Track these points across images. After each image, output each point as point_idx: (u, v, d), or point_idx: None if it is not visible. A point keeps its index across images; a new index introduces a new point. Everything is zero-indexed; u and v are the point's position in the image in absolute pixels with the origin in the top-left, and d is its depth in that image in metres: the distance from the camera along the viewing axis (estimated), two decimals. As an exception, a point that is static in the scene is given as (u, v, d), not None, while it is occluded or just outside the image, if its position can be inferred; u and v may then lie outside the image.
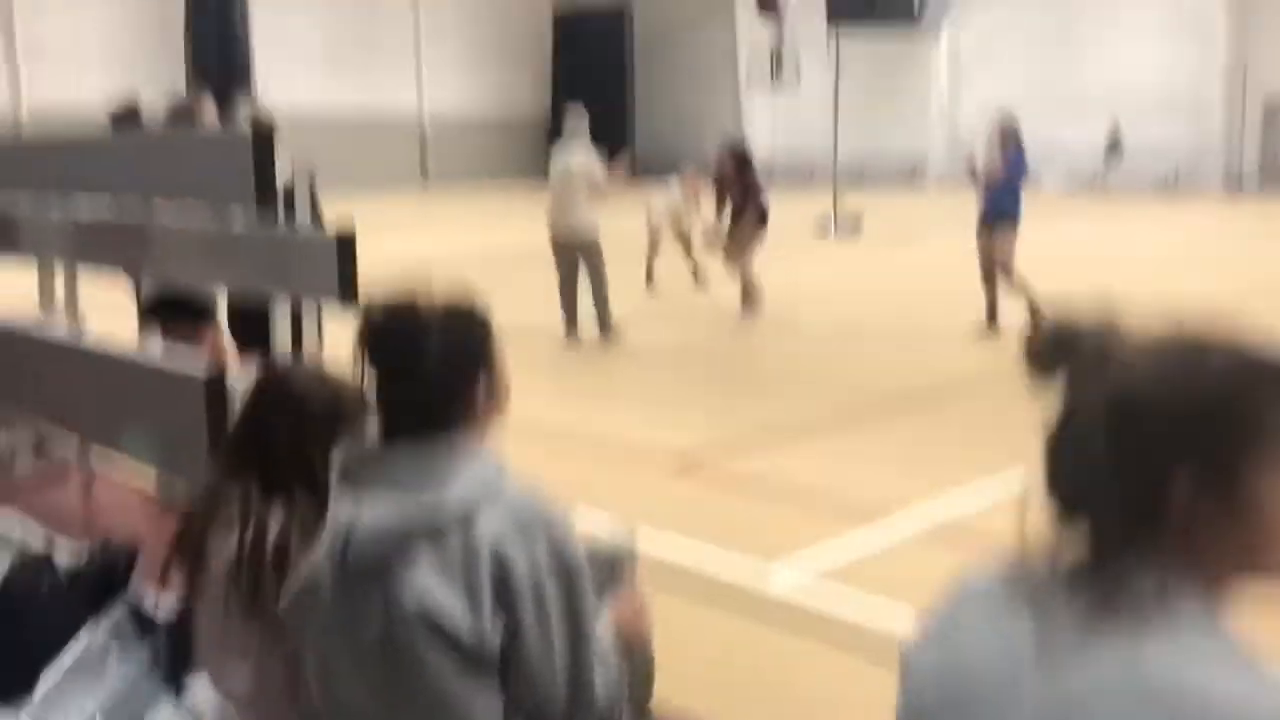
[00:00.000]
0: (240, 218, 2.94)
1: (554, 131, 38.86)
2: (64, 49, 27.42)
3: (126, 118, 5.36)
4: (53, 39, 27.15)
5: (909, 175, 33.59)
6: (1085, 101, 29.82)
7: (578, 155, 9.07)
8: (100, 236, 3.45)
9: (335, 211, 4.64)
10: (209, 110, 5.18)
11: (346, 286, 2.94)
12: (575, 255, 9.01)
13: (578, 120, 9.23)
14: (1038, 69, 30.65)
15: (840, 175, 21.67)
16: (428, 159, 35.88)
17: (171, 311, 4.28)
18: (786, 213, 21.99)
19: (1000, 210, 9.10)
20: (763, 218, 10.56)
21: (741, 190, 10.52)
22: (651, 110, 37.90)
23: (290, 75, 31.38)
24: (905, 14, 17.42)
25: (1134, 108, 28.93)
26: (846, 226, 18.97)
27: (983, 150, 9.26)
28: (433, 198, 31.21)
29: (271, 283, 3.07)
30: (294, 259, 2.99)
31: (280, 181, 3.02)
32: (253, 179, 2.84)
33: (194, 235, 3.17)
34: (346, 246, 2.97)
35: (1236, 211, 23.41)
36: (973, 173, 9.34)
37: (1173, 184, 28.55)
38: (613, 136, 35.79)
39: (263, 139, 2.79)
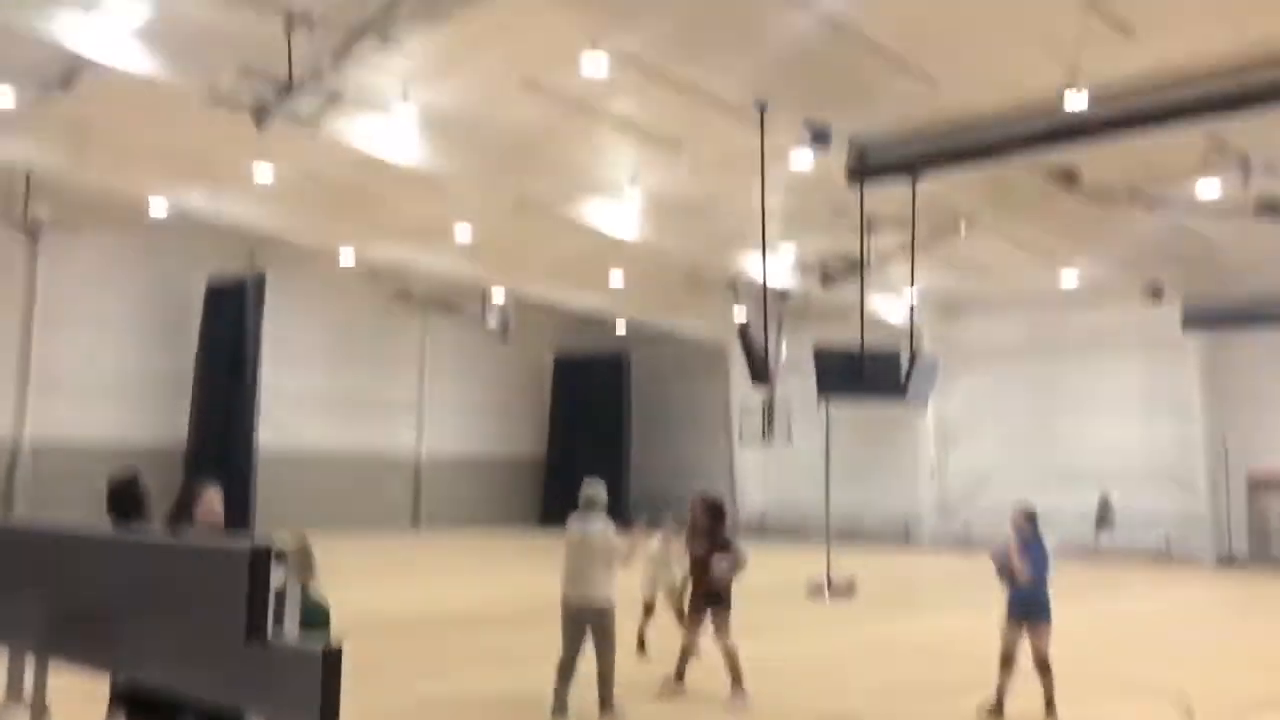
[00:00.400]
0: (227, 631, 2.85)
1: (550, 473, 39.31)
2: (75, 383, 28.19)
3: (126, 487, 5.42)
4: (66, 372, 27.96)
5: (900, 534, 33.68)
6: (1072, 471, 30.42)
7: (596, 524, 8.96)
8: (79, 631, 3.35)
9: (321, 556, 4.63)
10: (214, 499, 5.19)
11: (329, 708, 2.81)
12: (585, 626, 8.70)
13: (595, 490, 9.15)
14: (1022, 439, 31.50)
15: (832, 530, 21.72)
16: (421, 500, 36.02)
17: (143, 710, 4.11)
18: (779, 571, 22.02)
19: (1031, 605, 9.15)
20: (723, 577, 9.79)
21: (710, 544, 9.83)
22: (646, 457, 38.54)
23: (294, 417, 32.15)
24: (892, 389, 18.16)
25: (1120, 479, 29.45)
26: (840, 589, 18.75)
27: (1013, 542, 9.25)
28: (423, 541, 31.00)
29: (250, 698, 2.94)
30: (276, 677, 2.87)
31: (273, 593, 2.95)
32: (245, 594, 2.78)
33: (176, 642, 3.07)
34: (332, 665, 2.86)
35: (1228, 584, 23.27)
36: (1001, 571, 9.36)
37: (1164, 554, 28.60)
38: (608, 481, 36.33)
39: (260, 558, 2.76)
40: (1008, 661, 9.12)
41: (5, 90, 18.05)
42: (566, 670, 8.72)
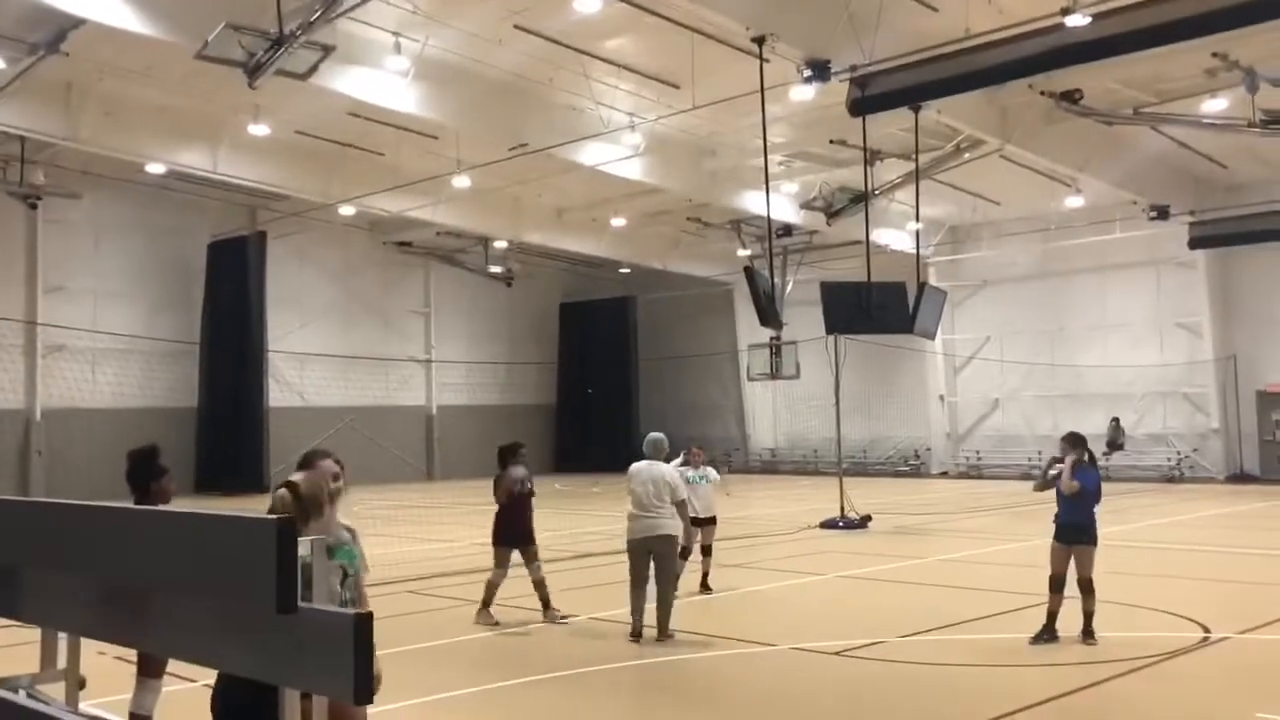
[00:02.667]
0: (257, 603, 2.86)
1: (561, 418, 39.41)
2: (82, 347, 28.22)
3: (145, 460, 5.45)
4: (72, 337, 27.97)
5: (912, 464, 33.83)
6: (1082, 395, 30.44)
7: (661, 466, 9.98)
8: (111, 607, 3.36)
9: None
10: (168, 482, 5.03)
11: (362, 679, 2.82)
12: (649, 554, 9.63)
13: (657, 448, 10.09)
14: (1033, 365, 31.48)
15: (844, 463, 21.82)
16: (433, 450, 36.15)
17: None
18: (792, 505, 22.19)
19: (1078, 529, 9.31)
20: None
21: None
22: (655, 398, 38.64)
23: (302, 372, 32.20)
24: (900, 323, 18.08)
25: (1130, 400, 29.49)
26: (855, 522, 18.86)
27: (1067, 461, 9.38)
28: (439, 491, 31.18)
29: (284, 670, 2.95)
30: (309, 647, 2.88)
31: (299, 561, 2.95)
32: (274, 566, 2.77)
33: (207, 617, 3.08)
34: (363, 632, 2.86)
35: (1240, 501, 23.38)
36: (1046, 481, 9.49)
37: (1176, 474, 28.70)
38: (618, 425, 36.55)
39: (287, 530, 2.75)
40: (1057, 584, 9.26)
41: (-6, 57, 17.89)
42: (636, 593, 9.66)
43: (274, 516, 2.82)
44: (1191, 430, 29.17)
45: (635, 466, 9.95)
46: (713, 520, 12.39)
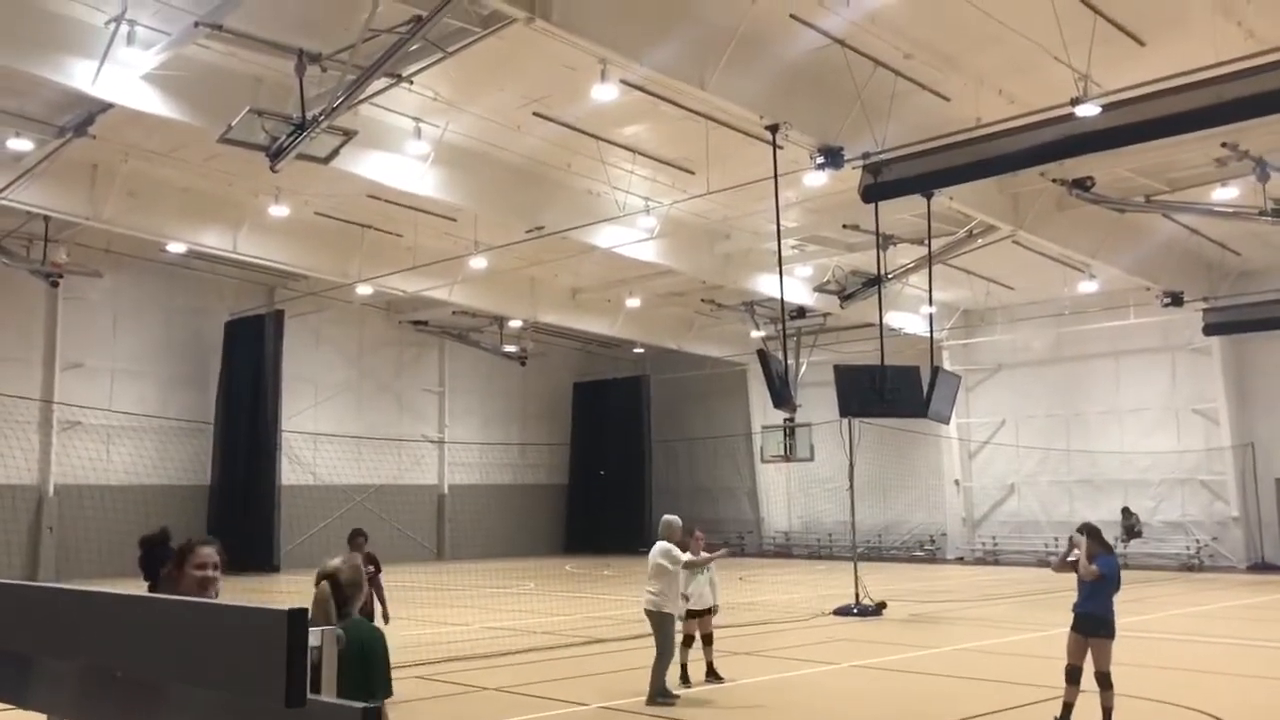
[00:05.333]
0: (266, 696, 2.82)
1: (573, 499, 39.21)
2: (97, 424, 28.33)
3: (157, 546, 5.44)
4: (88, 414, 28.10)
5: (926, 550, 33.47)
6: (1098, 481, 30.20)
7: (660, 545, 11.13)
8: (116, 696, 3.32)
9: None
10: (209, 555, 4.87)
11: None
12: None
13: (668, 528, 11.34)
14: (1048, 450, 31.29)
15: (857, 548, 21.60)
16: (444, 531, 35.97)
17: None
18: (806, 591, 21.91)
19: (1095, 620, 9.19)
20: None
21: None
22: (669, 479, 38.49)
23: (315, 451, 32.21)
24: (914, 408, 18.04)
25: (1147, 487, 29.23)
26: (869, 609, 18.61)
27: (1082, 549, 9.32)
28: (449, 571, 30.94)
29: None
30: (316, 741, 2.83)
31: (310, 654, 2.92)
32: (283, 658, 2.74)
33: (211, 707, 3.04)
34: (372, 725, 2.82)
35: (1262, 591, 23.00)
36: (1065, 563, 9.43)
37: (1195, 563, 28.32)
38: (631, 506, 36.35)
39: (297, 621, 2.73)
40: (1073, 676, 9.12)
41: (23, 141, 18.27)
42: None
43: (290, 608, 2.80)
44: (1210, 518, 28.83)
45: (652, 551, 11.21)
46: (709, 611, 12.16)
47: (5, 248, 24.41)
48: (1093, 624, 9.17)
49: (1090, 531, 9.45)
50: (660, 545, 11.12)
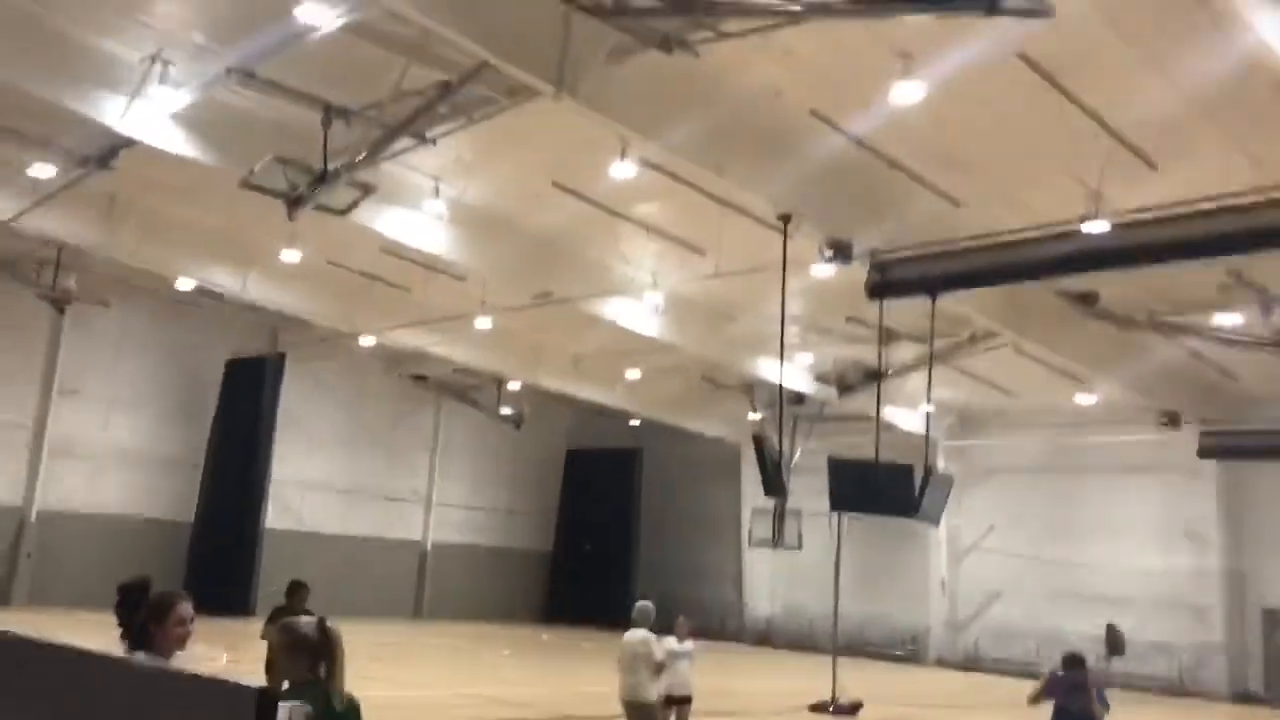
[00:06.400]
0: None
1: (556, 568, 38.82)
2: (87, 453, 28.29)
3: (136, 594, 5.37)
4: (79, 441, 28.06)
5: (908, 648, 33.13)
6: (1084, 594, 29.97)
7: (640, 633, 11.04)
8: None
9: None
10: (186, 611, 4.82)
11: None
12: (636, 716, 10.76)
13: (645, 616, 11.17)
14: (1035, 558, 31.10)
15: (839, 641, 21.39)
16: (424, 588, 35.67)
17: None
18: (785, 683, 21.64)
19: None
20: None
21: None
22: (654, 555, 38.19)
23: (302, 497, 32.09)
24: (904, 507, 17.99)
25: (1133, 605, 28.99)
26: (845, 708, 18.40)
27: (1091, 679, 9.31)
28: (425, 629, 30.63)
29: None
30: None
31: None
32: (250, 730, 2.75)
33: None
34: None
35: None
36: (1039, 692, 9.48)
37: (1178, 686, 27.99)
38: (615, 580, 36.03)
39: (267, 702, 2.74)
40: None
41: (46, 167, 18.48)
42: None
43: (254, 685, 2.79)
44: (1195, 643, 28.54)
45: (628, 634, 11.03)
46: (688, 700, 12.12)
47: (16, 271, 24.57)
48: None
49: (1071, 662, 9.37)
50: (641, 633, 11.02)
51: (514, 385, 33.64)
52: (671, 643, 12.07)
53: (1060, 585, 30.59)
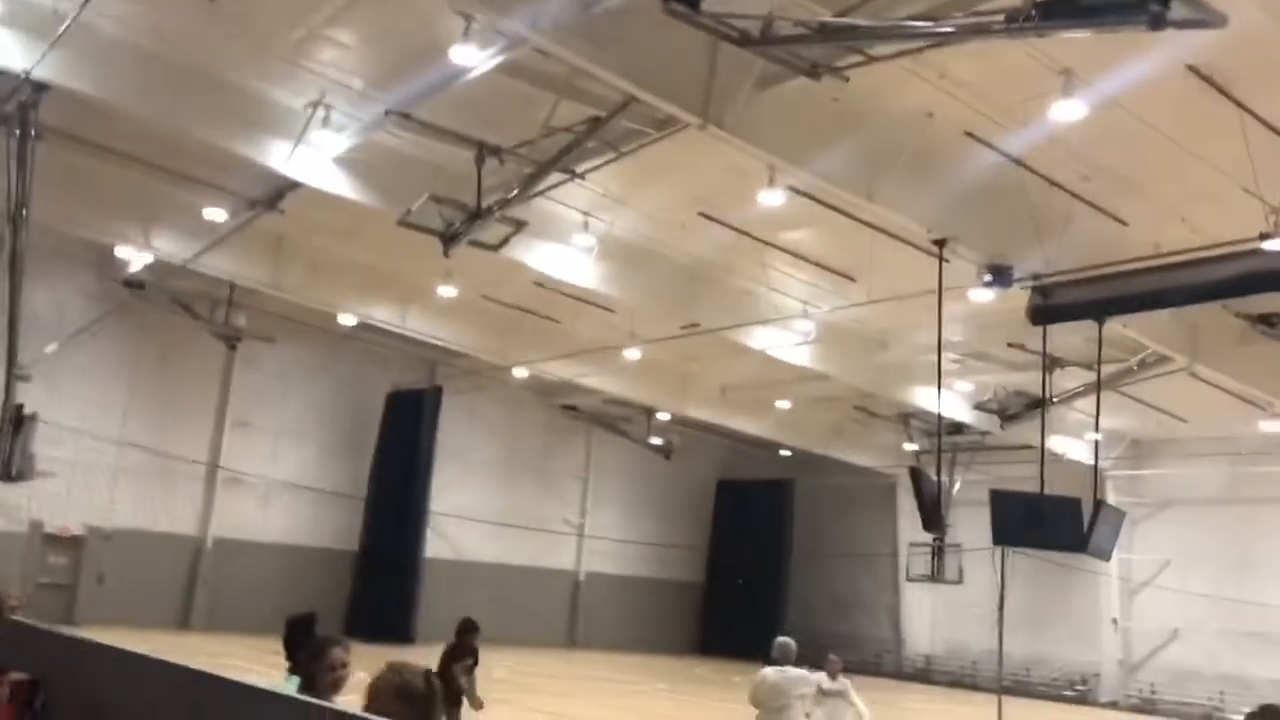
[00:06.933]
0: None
1: (709, 599, 38.65)
2: (258, 483, 29.50)
3: (302, 629, 5.49)
4: (251, 472, 29.31)
5: (1077, 690, 31.62)
6: (1271, 637, 28.09)
7: (795, 671, 10.15)
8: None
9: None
10: (341, 657, 4.88)
11: None
12: None
13: (786, 651, 10.15)
14: (1215, 596, 29.32)
15: (1004, 679, 20.52)
16: (578, 617, 35.90)
17: None
18: (948, 718, 20.88)
19: None
20: None
21: None
22: (807, 588, 37.56)
23: (461, 528, 32.76)
24: (1074, 542, 17.11)
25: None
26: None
27: None
28: (579, 659, 30.78)
29: None
30: None
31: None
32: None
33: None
34: None
35: None
36: None
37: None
38: (767, 612, 35.55)
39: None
40: None
41: (218, 211, 19.45)
42: None
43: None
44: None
45: (764, 672, 9.98)
46: None
47: (192, 309, 25.89)
48: None
49: (1267, 716, 8.62)
50: (795, 672, 10.15)
51: (663, 415, 33.67)
52: (823, 680, 11.78)
53: (1243, 625, 28.74)
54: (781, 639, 10.29)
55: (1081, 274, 15.87)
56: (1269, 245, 13.83)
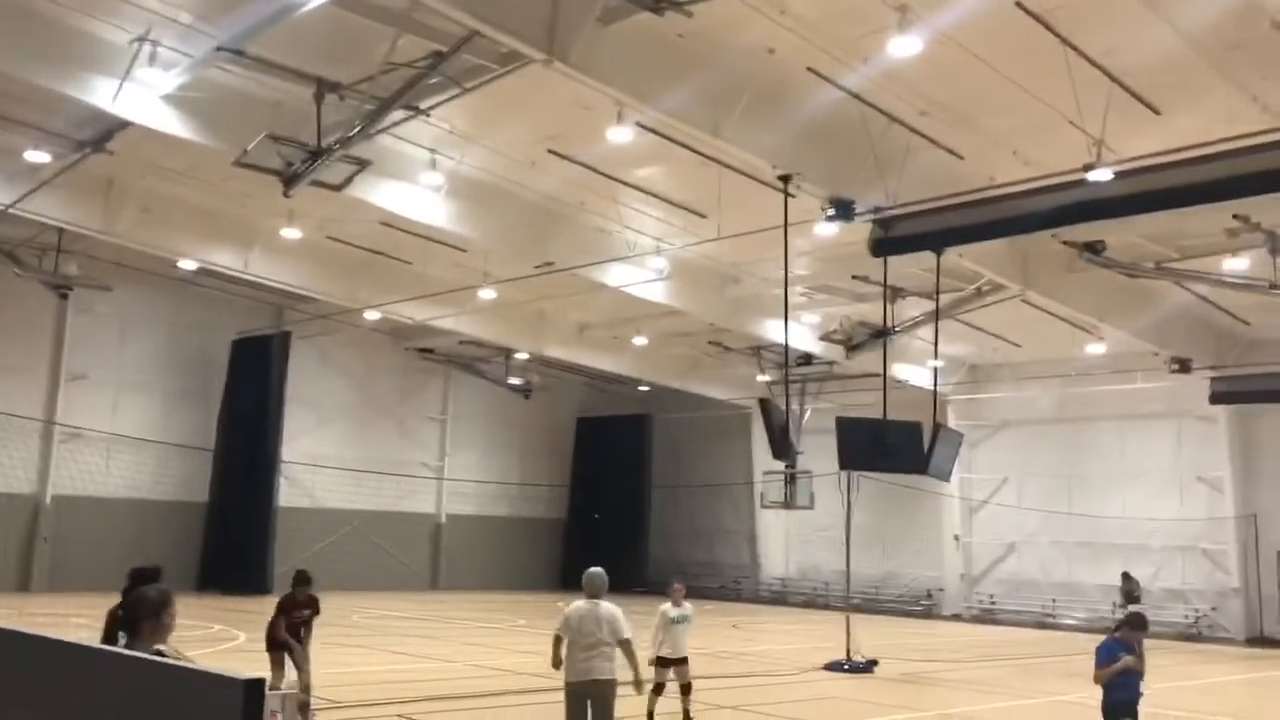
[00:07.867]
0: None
1: (571, 535, 39.04)
2: (98, 437, 28.38)
3: (148, 577, 5.36)
4: (89, 426, 28.16)
5: (923, 604, 33.21)
6: (1099, 544, 29.98)
7: (605, 605, 9.17)
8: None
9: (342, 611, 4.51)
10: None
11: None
12: (587, 700, 8.85)
13: (599, 583, 9.35)
14: (1049, 510, 31.08)
15: (853, 599, 21.40)
16: (440, 561, 35.83)
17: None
18: (799, 642, 21.73)
19: (1133, 710, 9.11)
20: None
21: None
22: (667, 520, 38.30)
23: (314, 475, 32.19)
24: (915, 464, 17.93)
25: (1148, 554, 29.01)
26: (860, 664, 18.44)
27: (1139, 648, 9.18)
28: (443, 602, 30.75)
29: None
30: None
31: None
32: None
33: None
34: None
35: (1262, 665, 22.73)
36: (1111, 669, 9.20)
37: (1194, 632, 28.03)
38: (629, 545, 36.14)
39: (254, 691, 2.70)
40: None
41: (41, 154, 18.40)
42: None
43: (243, 676, 2.75)
44: (1210, 588, 28.57)
45: (575, 605, 9.20)
46: (684, 660, 12.15)
47: (17, 257, 24.53)
48: (1131, 711, 9.07)
49: (1136, 623, 9.30)
50: (611, 608, 9.11)
51: (521, 355, 33.60)
52: (668, 608, 12.14)
53: (1074, 536, 30.62)
54: (591, 570, 9.49)
55: (920, 206, 16.40)
56: (1093, 176, 14.52)
